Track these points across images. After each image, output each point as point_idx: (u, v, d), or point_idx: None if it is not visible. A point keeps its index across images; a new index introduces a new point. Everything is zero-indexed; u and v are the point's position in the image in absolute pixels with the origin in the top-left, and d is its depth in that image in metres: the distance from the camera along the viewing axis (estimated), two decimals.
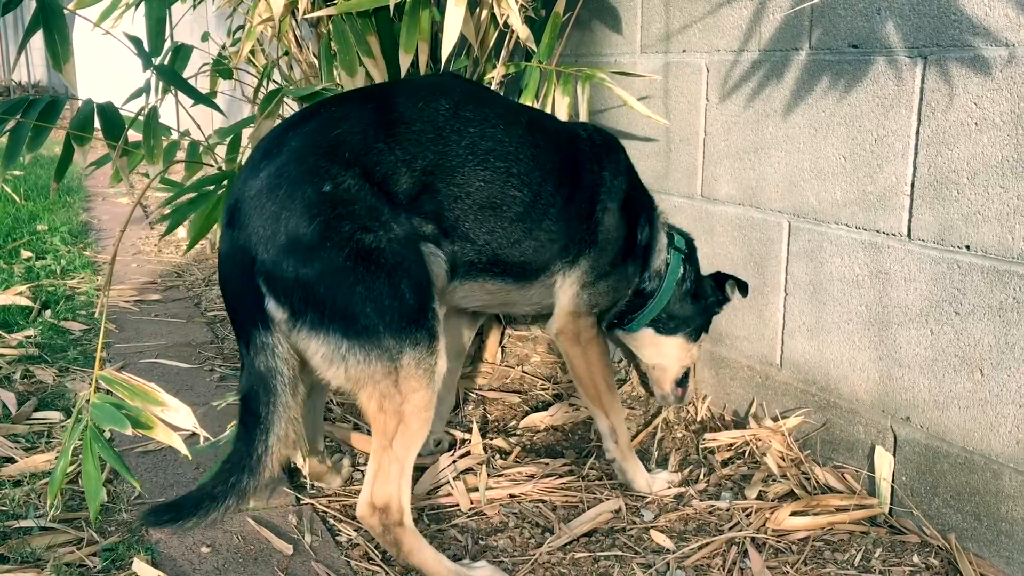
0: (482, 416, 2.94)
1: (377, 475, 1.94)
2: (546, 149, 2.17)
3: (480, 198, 2.03)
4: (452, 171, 2.00)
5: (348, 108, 1.99)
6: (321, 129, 1.91)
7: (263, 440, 1.84)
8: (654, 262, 2.46)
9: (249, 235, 1.82)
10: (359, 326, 1.82)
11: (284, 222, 1.80)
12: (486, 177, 2.04)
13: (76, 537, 2.11)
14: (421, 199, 1.96)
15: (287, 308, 1.81)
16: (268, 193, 1.83)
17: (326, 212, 1.81)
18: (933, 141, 2.09)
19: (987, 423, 2.03)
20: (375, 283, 1.83)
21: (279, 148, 1.89)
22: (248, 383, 1.85)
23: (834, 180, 2.35)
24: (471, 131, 2.04)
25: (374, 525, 1.96)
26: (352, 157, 1.87)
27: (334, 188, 1.83)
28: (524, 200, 2.10)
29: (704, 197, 2.82)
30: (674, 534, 2.22)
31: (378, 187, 1.88)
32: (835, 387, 2.43)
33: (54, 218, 5.95)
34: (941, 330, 2.12)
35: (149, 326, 3.85)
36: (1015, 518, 1.99)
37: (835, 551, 2.13)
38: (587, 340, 2.32)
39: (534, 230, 2.14)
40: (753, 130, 2.59)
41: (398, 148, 1.94)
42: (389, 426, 1.90)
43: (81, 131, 2.07)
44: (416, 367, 1.88)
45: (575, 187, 2.22)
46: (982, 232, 2.00)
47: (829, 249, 2.39)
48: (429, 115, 2.00)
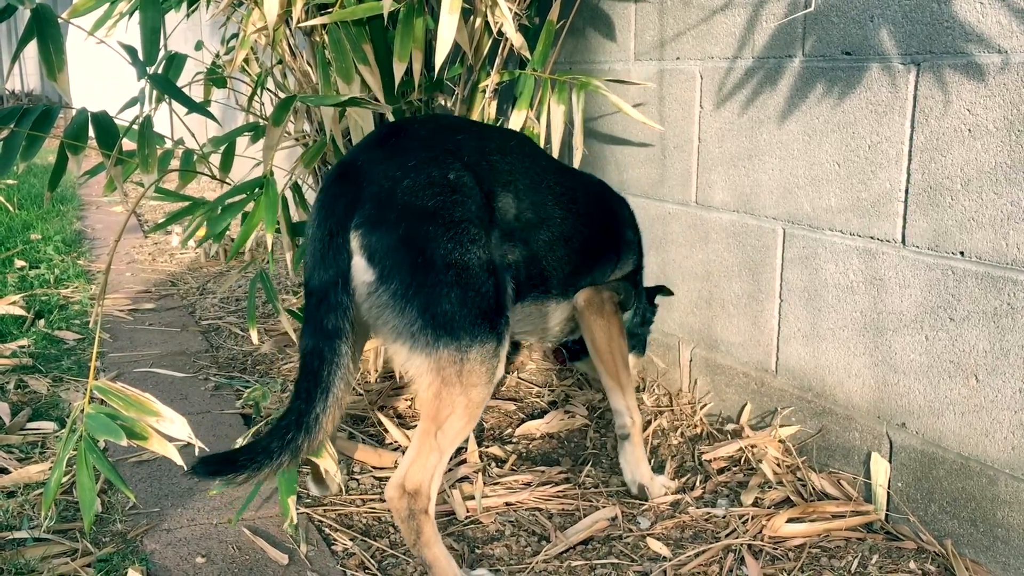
0: (478, 424, 2.93)
1: (416, 459, 1.94)
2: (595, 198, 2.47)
3: (557, 232, 2.22)
4: (538, 206, 2.17)
5: (460, 125, 2.22)
6: (445, 132, 2.07)
7: (323, 399, 1.84)
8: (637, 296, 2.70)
9: (361, 191, 1.87)
10: (439, 309, 1.84)
11: (404, 188, 1.87)
12: (561, 215, 2.24)
13: (70, 548, 2.10)
14: (514, 225, 2.09)
15: (376, 270, 1.83)
16: (395, 161, 1.91)
17: (447, 194, 1.90)
18: (927, 147, 2.09)
19: (982, 429, 2.04)
20: (466, 273, 1.88)
21: (408, 133, 2.02)
22: (312, 341, 1.85)
23: (828, 187, 2.36)
24: (548, 178, 2.25)
25: (400, 508, 1.95)
26: (470, 162, 2.00)
27: (457, 178, 1.93)
28: (586, 235, 2.33)
29: (699, 204, 2.82)
30: (670, 541, 2.21)
31: (485, 197, 2.00)
32: (831, 393, 2.43)
33: (48, 227, 5.93)
34: (936, 336, 2.12)
35: (143, 335, 3.84)
36: (1011, 524, 1.99)
37: (832, 558, 2.13)
38: (610, 312, 2.43)
39: (589, 259, 2.37)
40: (747, 137, 2.59)
41: (498, 172, 2.08)
42: (442, 414, 1.91)
43: (75, 140, 2.06)
44: (481, 363, 1.90)
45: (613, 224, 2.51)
46: (976, 238, 2.01)
47: (824, 255, 2.39)
48: (519, 153, 2.18)
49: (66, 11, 2.61)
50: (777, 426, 2.58)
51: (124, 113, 2.51)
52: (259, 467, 1.78)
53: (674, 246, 2.94)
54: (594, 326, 2.42)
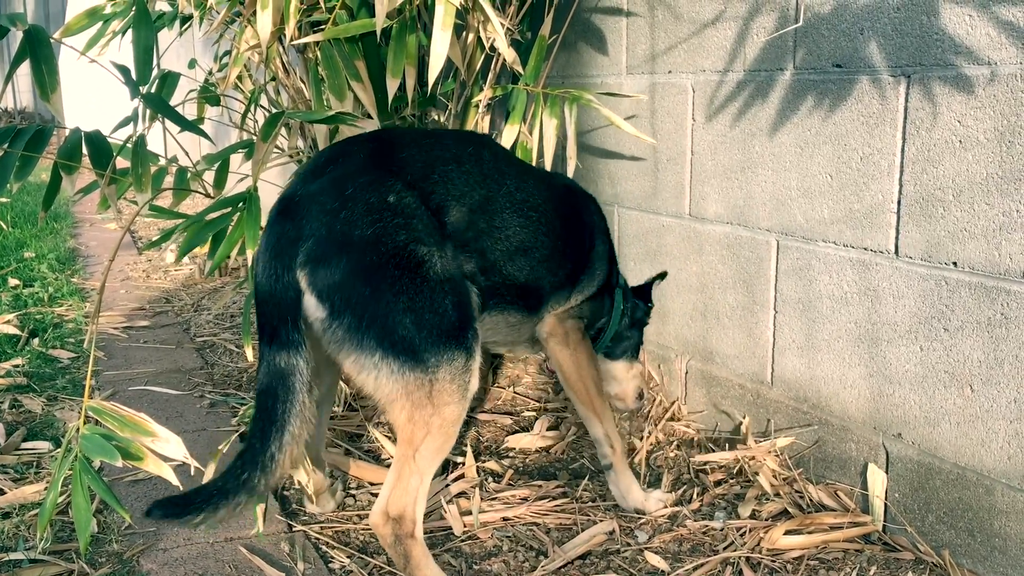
0: (474, 438, 2.93)
1: (396, 484, 1.94)
2: (561, 202, 2.38)
3: (515, 241, 2.17)
4: (493, 214, 2.13)
5: (409, 138, 2.15)
6: (389, 150, 2.02)
7: (278, 438, 1.83)
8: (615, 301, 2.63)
9: (301, 227, 1.84)
10: (396, 336, 1.83)
11: (343, 221, 1.84)
12: (520, 223, 2.19)
13: (67, 569, 2.08)
14: (466, 235, 2.06)
15: (327, 306, 1.82)
16: (332, 192, 1.88)
17: (387, 219, 1.87)
18: (918, 159, 2.11)
19: (978, 439, 2.04)
20: (419, 296, 1.87)
21: (345, 157, 1.98)
22: (267, 380, 1.84)
23: (821, 198, 2.37)
24: (507, 183, 2.19)
25: (386, 535, 1.95)
26: (413, 180, 1.97)
27: (398, 200, 1.91)
28: (549, 244, 2.26)
29: (692, 216, 2.83)
30: (668, 555, 2.21)
31: (432, 213, 1.98)
32: (826, 404, 2.43)
33: (41, 245, 5.92)
34: (931, 346, 2.12)
35: (138, 353, 3.83)
36: (1008, 534, 1.99)
37: (829, 569, 2.13)
38: (576, 342, 2.40)
39: (554, 268, 2.31)
40: (740, 149, 2.60)
41: (450, 184, 2.05)
42: (416, 436, 1.90)
43: (69, 160, 2.06)
44: (451, 382, 1.90)
45: (579, 229, 2.42)
46: (969, 249, 2.02)
47: (817, 267, 2.40)
48: (475, 160, 2.14)
49: (58, 31, 2.61)
50: (774, 438, 2.58)
51: (118, 132, 2.52)
52: (215, 507, 1.77)
53: (668, 258, 2.95)
54: (560, 357, 2.41)
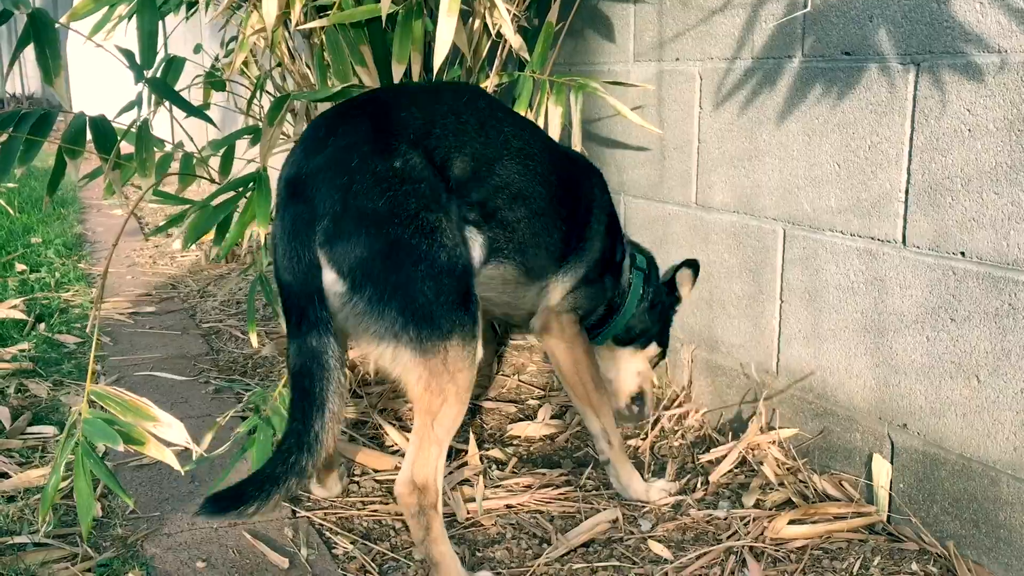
0: (479, 426, 2.93)
1: (418, 455, 1.95)
2: (558, 160, 2.34)
3: (515, 189, 2.14)
4: (493, 162, 2.10)
5: (404, 96, 2.12)
6: (387, 112, 2.00)
7: (319, 417, 1.83)
8: (622, 280, 2.57)
9: (314, 207, 1.84)
10: (417, 304, 1.84)
11: (354, 195, 1.84)
12: (519, 171, 2.16)
13: (71, 553, 2.09)
14: (469, 185, 2.04)
15: (347, 281, 1.83)
16: (337, 167, 1.87)
17: (396, 187, 1.86)
18: (927, 147, 2.09)
19: (984, 430, 2.03)
20: (436, 263, 1.87)
21: (344, 126, 1.95)
22: (300, 360, 1.85)
23: (828, 187, 2.35)
24: (505, 130, 2.17)
25: (410, 504, 1.95)
26: (416, 138, 1.95)
27: (404, 165, 1.89)
28: (546, 196, 2.22)
29: (699, 205, 2.82)
30: (672, 544, 2.21)
31: (438, 170, 1.96)
32: (832, 394, 2.42)
33: (48, 231, 5.93)
34: (937, 337, 2.11)
35: (144, 339, 3.84)
36: (1013, 524, 1.99)
37: (833, 559, 2.12)
38: (571, 336, 2.37)
39: (549, 226, 2.26)
40: (747, 138, 2.59)
41: (451, 135, 2.03)
42: (434, 405, 1.91)
43: (73, 144, 2.06)
44: (462, 348, 1.90)
45: (576, 196, 2.36)
46: (977, 238, 2.00)
47: (824, 256, 2.39)
48: (473, 110, 2.12)
49: (65, 16, 2.61)
50: (778, 427, 2.57)
51: (123, 117, 2.51)
52: (268, 495, 1.77)
53: (675, 247, 2.93)
54: (556, 351, 2.39)
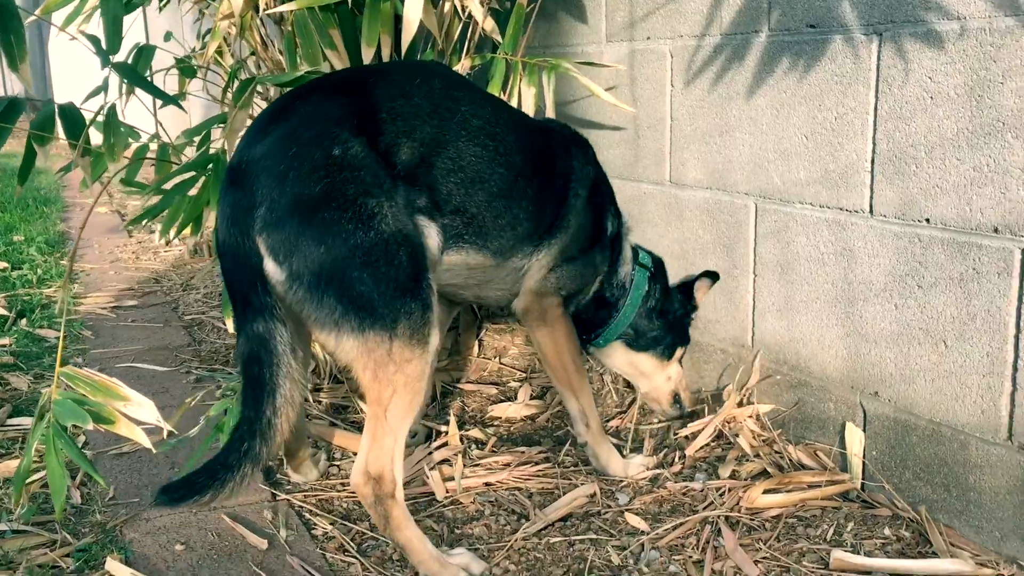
0: (460, 408, 2.94)
1: (372, 445, 1.94)
2: (526, 135, 2.27)
3: (471, 172, 2.08)
4: (446, 145, 2.05)
5: (352, 81, 2.07)
6: (330, 98, 1.97)
7: (271, 403, 1.83)
8: (620, 270, 2.50)
9: (253, 194, 1.84)
10: (355, 292, 1.82)
11: (291, 182, 1.82)
12: (476, 153, 2.10)
13: (49, 539, 2.10)
14: (418, 171, 1.99)
15: (285, 269, 1.82)
16: (276, 154, 1.86)
17: (333, 174, 1.84)
18: (891, 116, 2.11)
19: (952, 394, 2.05)
20: (373, 249, 1.84)
21: (287, 114, 1.93)
22: (247, 347, 1.85)
23: (797, 160, 2.37)
24: (463, 109, 2.10)
25: (367, 495, 1.95)
26: (360, 125, 1.92)
27: (343, 153, 1.86)
28: (510, 176, 2.16)
29: (673, 183, 2.83)
30: (648, 516, 2.23)
31: (382, 157, 1.92)
32: (805, 365, 2.44)
33: (31, 228, 5.92)
34: (905, 304, 2.13)
35: (126, 331, 3.84)
36: (983, 488, 2.01)
37: (808, 527, 2.14)
38: (553, 319, 2.34)
39: (514, 207, 2.20)
40: (718, 113, 2.60)
41: (399, 120, 1.98)
42: (383, 395, 1.90)
43: (41, 131, 2.06)
44: (410, 337, 1.88)
45: (549, 172, 2.30)
46: (941, 205, 2.02)
47: (795, 229, 2.41)
48: (425, 91, 2.07)
49: (39, 8, 2.60)
50: (755, 401, 2.59)
51: (94, 104, 2.51)
52: (222, 483, 1.78)
53: (650, 225, 2.95)
54: (538, 334, 2.37)
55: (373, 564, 2.03)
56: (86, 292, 4.55)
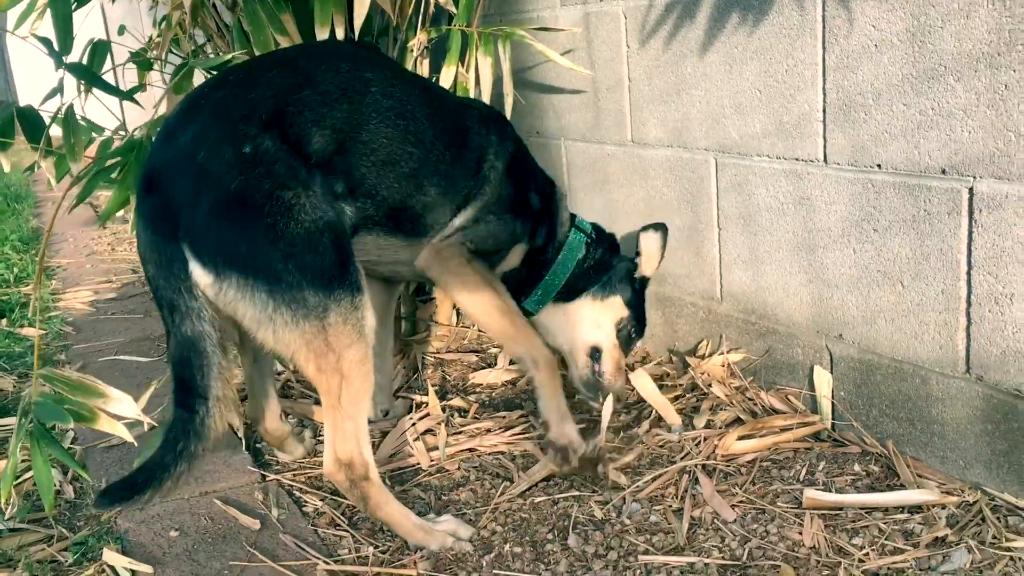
0: (441, 377, 3.00)
1: (335, 434, 1.98)
2: (439, 112, 2.24)
3: (383, 154, 2.07)
4: (358, 128, 2.03)
5: (258, 73, 2.04)
6: (236, 94, 1.95)
7: (203, 404, 1.86)
8: (558, 232, 2.48)
9: (170, 200, 1.84)
10: (283, 284, 1.83)
11: (205, 185, 1.83)
12: (387, 134, 2.08)
13: (46, 535, 2.15)
14: (333, 159, 1.98)
15: (211, 271, 1.82)
16: (188, 158, 1.86)
17: (246, 172, 1.83)
18: (839, 66, 2.15)
19: (911, 332, 2.12)
20: (296, 240, 1.84)
21: (195, 114, 1.93)
22: (177, 352, 1.87)
23: (752, 113, 2.41)
24: (372, 90, 2.08)
25: (341, 480, 2.00)
26: (268, 119, 1.91)
27: (253, 149, 1.85)
28: (419, 156, 2.14)
29: (635, 143, 2.87)
30: (628, 470, 2.30)
31: (294, 148, 1.91)
32: (772, 314, 2.51)
33: (3, 227, 5.90)
34: (863, 248, 2.19)
35: (107, 324, 3.87)
36: (945, 419, 2.09)
37: (781, 468, 2.22)
38: (458, 265, 2.26)
39: (426, 185, 2.19)
40: (673, 72, 2.64)
41: (307, 110, 1.97)
42: (332, 385, 1.93)
43: (2, 136, 2.07)
44: (344, 323, 1.89)
45: (463, 147, 2.28)
46: (891, 150, 2.07)
47: (754, 181, 2.46)
48: (332, 76, 2.05)
49: None
50: (725, 351, 2.66)
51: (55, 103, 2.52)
52: (160, 482, 1.81)
53: (615, 186, 2.99)
54: (446, 285, 2.30)
55: (364, 536, 2.09)
56: (64, 288, 4.56)
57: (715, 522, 2.03)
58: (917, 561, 1.82)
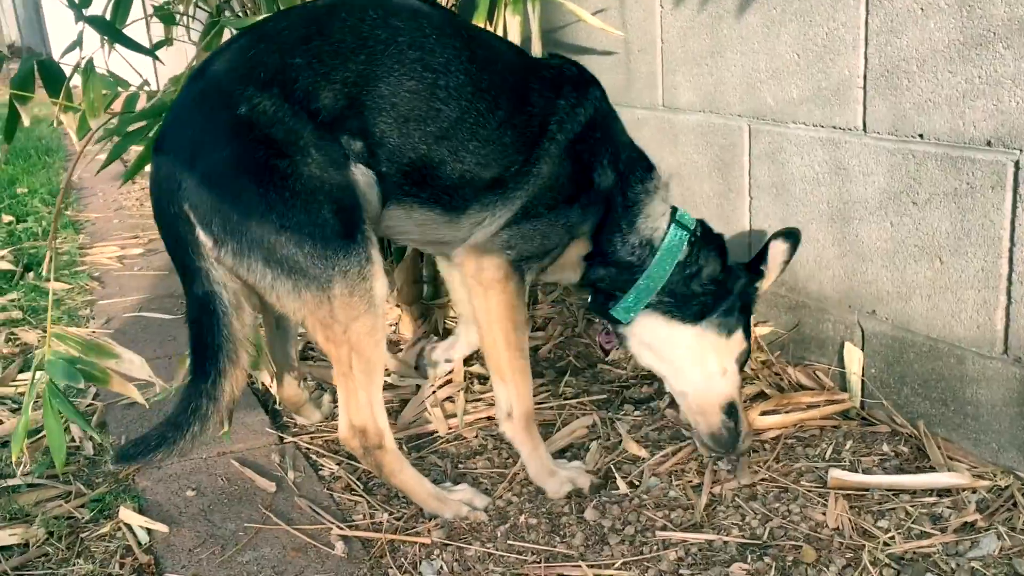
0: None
1: (348, 401, 1.95)
2: (486, 67, 1.99)
3: (404, 110, 1.88)
4: (376, 81, 1.86)
5: (270, 27, 1.94)
6: (240, 51, 1.88)
7: (214, 365, 1.84)
8: (640, 225, 2.10)
9: (174, 160, 1.81)
10: (279, 256, 1.78)
11: (202, 148, 1.79)
12: (411, 87, 1.88)
13: (64, 491, 2.15)
14: (345, 115, 1.85)
15: (210, 236, 1.79)
16: (188, 119, 1.83)
17: (243, 135, 1.77)
18: (882, 30, 2.06)
19: (948, 310, 2.05)
20: (291, 211, 1.77)
21: (203, 73, 1.88)
22: (192, 312, 1.85)
23: (789, 78, 2.32)
24: (399, 40, 1.90)
25: (355, 447, 1.97)
26: (268, 77, 1.80)
27: (249, 111, 1.78)
28: (450, 116, 1.92)
29: (666, 107, 2.79)
30: (648, 443, 2.25)
31: (299, 106, 1.80)
32: (803, 287, 2.44)
33: (34, 180, 5.92)
34: (900, 221, 2.11)
35: (132, 280, 3.87)
36: (980, 401, 2.02)
37: (807, 446, 2.17)
38: (489, 281, 2.02)
39: (461, 151, 1.94)
40: (709, 34, 2.55)
41: (316, 62, 1.84)
42: (341, 355, 1.90)
43: (22, 89, 2.04)
44: (350, 294, 1.83)
45: (517, 111, 2.00)
46: (934, 120, 1.98)
47: (789, 149, 2.37)
48: (353, 25, 1.89)
49: None
50: (753, 323, 2.59)
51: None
52: (173, 441, 1.81)
53: (646, 151, 2.91)
54: (473, 293, 2.06)
55: (379, 502, 2.07)
56: (92, 243, 4.57)
57: (735, 499, 1.99)
58: (944, 546, 1.76)
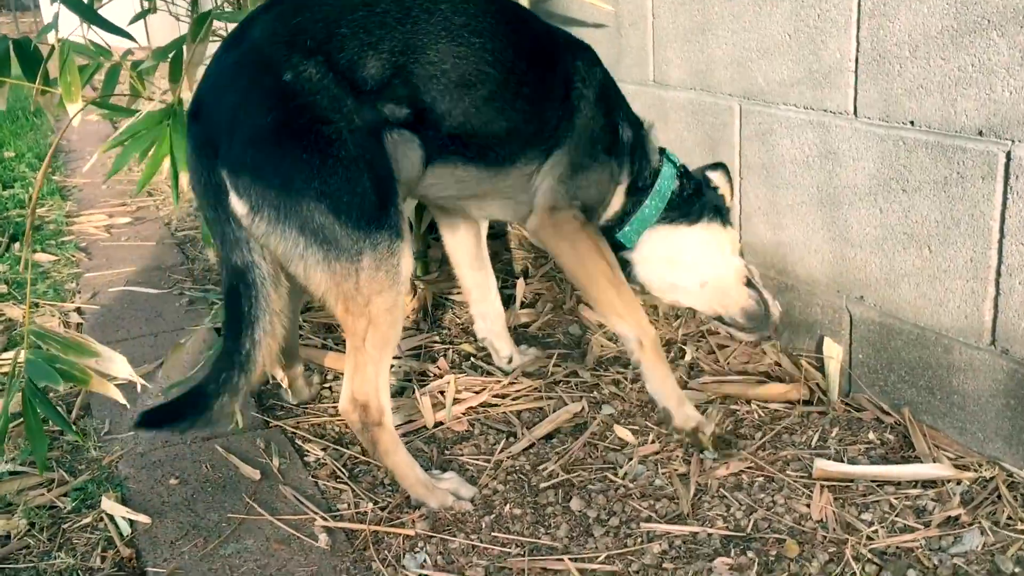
0: (452, 320, 2.94)
1: (355, 374, 1.95)
2: (521, 32, 2.08)
3: (454, 75, 1.93)
4: (424, 49, 1.90)
5: None
6: (282, 17, 1.86)
7: (249, 335, 1.84)
8: (651, 158, 2.29)
9: (212, 128, 1.80)
10: (315, 224, 1.78)
11: (243, 113, 1.78)
12: (460, 53, 1.93)
13: (46, 479, 2.14)
14: (393, 83, 1.87)
15: (247, 202, 1.78)
16: (229, 85, 1.82)
17: (286, 102, 1.77)
18: (875, 13, 2.01)
19: (936, 299, 2.03)
20: (332, 178, 1.78)
21: (241, 39, 1.86)
22: (228, 280, 1.85)
23: (781, 59, 2.28)
24: (442, 7, 1.93)
25: (354, 421, 1.97)
26: (314, 44, 1.81)
27: (295, 77, 1.77)
28: (497, 78, 1.98)
29: (656, 83, 2.74)
30: (635, 428, 2.25)
31: (343, 75, 1.81)
32: (792, 270, 2.41)
33: (21, 144, 5.85)
34: (890, 208, 2.08)
35: (119, 251, 3.84)
36: (966, 391, 2.01)
37: (792, 434, 2.16)
38: (572, 231, 2.13)
39: (507, 109, 2.03)
40: (700, 9, 2.49)
41: (362, 32, 1.85)
42: (358, 327, 1.89)
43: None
44: (377, 268, 1.84)
45: (549, 71, 2.10)
46: (925, 106, 1.95)
47: (779, 131, 2.34)
48: None
49: None
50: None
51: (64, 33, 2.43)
52: (201, 411, 1.80)
53: None
54: (558, 251, 2.17)
55: (364, 490, 2.07)
56: (79, 210, 4.53)
57: (721, 490, 1.98)
58: (927, 541, 1.76)
